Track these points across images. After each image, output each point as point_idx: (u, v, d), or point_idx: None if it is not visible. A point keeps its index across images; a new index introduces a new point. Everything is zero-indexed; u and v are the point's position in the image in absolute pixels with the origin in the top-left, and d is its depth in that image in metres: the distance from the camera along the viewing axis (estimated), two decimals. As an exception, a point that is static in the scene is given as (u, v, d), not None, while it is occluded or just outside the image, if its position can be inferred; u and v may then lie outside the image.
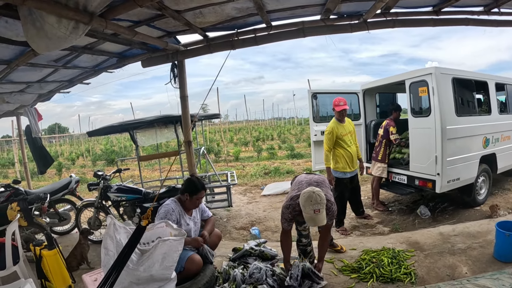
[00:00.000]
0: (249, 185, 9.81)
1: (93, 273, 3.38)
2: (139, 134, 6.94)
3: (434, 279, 3.45)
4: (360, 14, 4.09)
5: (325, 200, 2.98)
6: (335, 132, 5.06)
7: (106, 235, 2.59)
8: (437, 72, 4.95)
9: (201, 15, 3.61)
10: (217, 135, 29.80)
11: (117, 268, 2.29)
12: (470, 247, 4.06)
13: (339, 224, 5.32)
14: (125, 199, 5.20)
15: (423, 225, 5.34)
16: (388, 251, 4.02)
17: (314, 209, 2.91)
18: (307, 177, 3.55)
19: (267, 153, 16.94)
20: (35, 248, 3.70)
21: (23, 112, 6.87)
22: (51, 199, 5.30)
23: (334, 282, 3.54)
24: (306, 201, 2.95)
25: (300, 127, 37.86)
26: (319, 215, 2.93)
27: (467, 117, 5.42)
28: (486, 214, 5.37)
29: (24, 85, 5.31)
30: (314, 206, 2.91)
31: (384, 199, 6.88)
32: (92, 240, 5.06)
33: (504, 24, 4.53)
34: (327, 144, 5.12)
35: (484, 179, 5.87)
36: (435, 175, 5.02)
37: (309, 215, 2.95)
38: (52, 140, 42.86)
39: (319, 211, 2.91)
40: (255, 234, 5.35)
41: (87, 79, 5.63)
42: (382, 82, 6.53)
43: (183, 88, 4.74)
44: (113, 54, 4.61)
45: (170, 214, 3.37)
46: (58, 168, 15.46)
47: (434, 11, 4.16)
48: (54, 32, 2.46)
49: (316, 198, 2.92)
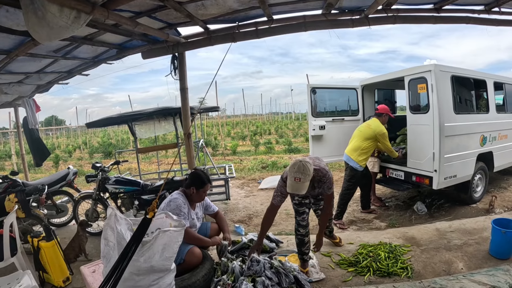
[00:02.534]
0: (246, 179, 9.84)
1: (91, 264, 3.37)
2: (138, 126, 6.93)
3: (430, 274, 3.49)
4: (362, 9, 4.08)
5: (310, 171, 3.06)
6: None
7: (106, 225, 2.59)
8: (436, 69, 4.96)
9: (203, 7, 3.60)
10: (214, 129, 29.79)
11: (122, 263, 2.29)
12: (466, 243, 4.10)
13: (338, 216, 5.37)
14: (123, 191, 5.20)
15: (420, 221, 5.38)
16: (385, 245, 4.05)
17: (295, 177, 3.02)
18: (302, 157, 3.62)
19: (264, 148, 16.97)
20: (33, 239, 3.71)
21: (21, 103, 6.83)
22: (49, 190, 5.30)
23: (332, 275, 3.58)
24: (291, 167, 3.08)
25: (298, 122, 37.89)
26: (299, 184, 3.02)
27: (465, 115, 5.44)
28: (482, 212, 5.42)
29: (23, 75, 5.29)
30: (296, 174, 3.01)
31: (381, 194, 6.91)
32: (90, 232, 5.07)
33: (505, 23, 4.55)
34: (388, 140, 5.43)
35: (480, 177, 5.91)
36: (432, 171, 5.04)
37: (290, 181, 3.07)
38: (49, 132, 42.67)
39: (299, 179, 3.01)
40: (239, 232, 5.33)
41: (86, 71, 5.60)
42: (381, 78, 6.54)
43: (183, 80, 4.73)
44: (113, 45, 4.59)
45: (183, 208, 3.42)
46: (55, 161, 15.40)
47: (435, 9, 4.17)
48: (56, 21, 2.44)
49: (300, 166, 3.03)
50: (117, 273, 2.26)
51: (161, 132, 7.59)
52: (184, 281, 3.05)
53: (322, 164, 3.40)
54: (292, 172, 3.03)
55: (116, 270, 2.26)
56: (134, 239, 2.35)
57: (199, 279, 3.14)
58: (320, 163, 3.41)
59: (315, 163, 3.32)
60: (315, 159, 3.49)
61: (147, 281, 2.46)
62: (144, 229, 2.42)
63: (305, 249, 3.67)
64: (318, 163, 3.41)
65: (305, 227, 3.67)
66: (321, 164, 3.39)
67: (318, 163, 3.40)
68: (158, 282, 2.52)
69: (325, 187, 3.40)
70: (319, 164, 3.39)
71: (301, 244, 3.69)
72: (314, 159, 3.48)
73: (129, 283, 2.42)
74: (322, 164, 3.41)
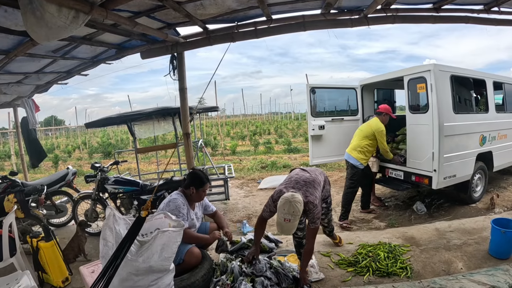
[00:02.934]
0: (246, 179, 9.84)
1: (90, 265, 3.37)
2: (137, 126, 6.92)
3: (429, 274, 3.48)
4: (361, 9, 4.08)
5: (299, 212, 2.94)
6: None
7: (105, 226, 2.59)
8: (435, 69, 4.96)
9: (202, 7, 3.60)
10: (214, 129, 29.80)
11: (116, 260, 2.29)
12: (466, 243, 4.10)
13: (343, 216, 5.38)
14: (122, 191, 5.20)
15: (419, 221, 5.38)
16: (384, 245, 4.05)
17: (285, 218, 2.91)
18: (298, 173, 3.49)
19: (264, 147, 16.96)
20: (32, 240, 3.71)
21: (20, 103, 6.83)
22: (48, 191, 5.30)
23: (331, 275, 3.57)
24: (281, 207, 2.96)
25: (297, 122, 37.90)
26: (288, 224, 2.92)
27: (464, 114, 5.43)
28: (481, 211, 5.42)
29: (22, 75, 5.28)
30: (286, 215, 2.91)
31: (380, 194, 6.91)
32: (89, 232, 5.06)
33: (504, 23, 4.55)
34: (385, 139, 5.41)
35: (480, 176, 5.91)
36: (432, 171, 5.04)
37: (279, 220, 2.96)
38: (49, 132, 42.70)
39: (289, 220, 2.91)
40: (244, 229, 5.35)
41: (85, 71, 5.59)
42: (380, 78, 6.54)
43: (182, 80, 4.73)
44: (112, 45, 4.59)
45: (182, 209, 3.39)
46: (54, 161, 15.40)
47: (435, 8, 4.17)
48: (54, 21, 2.44)
49: (289, 208, 2.91)
50: (110, 270, 2.26)
51: (160, 132, 7.58)
52: (183, 281, 3.04)
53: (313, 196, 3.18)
54: (282, 212, 2.93)
55: (109, 268, 2.26)
56: (127, 238, 2.35)
57: (198, 279, 3.14)
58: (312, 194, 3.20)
59: (307, 194, 3.16)
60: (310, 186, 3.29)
61: (146, 281, 2.46)
62: (138, 227, 2.41)
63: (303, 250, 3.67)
64: (312, 192, 3.22)
65: (302, 230, 3.65)
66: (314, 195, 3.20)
67: (312, 192, 3.21)
68: (157, 282, 2.52)
69: (309, 220, 3.22)
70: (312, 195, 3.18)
71: (300, 245, 3.69)
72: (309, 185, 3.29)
73: (128, 284, 2.42)
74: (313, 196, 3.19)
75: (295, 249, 3.76)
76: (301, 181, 3.30)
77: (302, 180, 3.33)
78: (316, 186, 3.37)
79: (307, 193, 3.17)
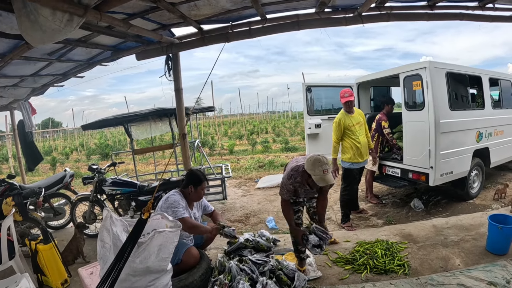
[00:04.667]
0: (243, 178, 9.84)
1: (89, 266, 3.37)
2: (134, 127, 6.92)
3: (427, 271, 3.50)
4: (355, 7, 4.10)
5: (329, 163, 3.19)
6: (342, 123, 5.04)
7: (102, 227, 2.59)
8: (431, 66, 4.97)
9: (195, 8, 3.60)
10: (211, 128, 29.77)
11: (119, 264, 2.29)
12: (463, 239, 4.12)
13: (344, 220, 5.28)
14: (120, 192, 5.20)
15: (417, 217, 5.38)
16: (381, 243, 4.07)
17: (324, 169, 3.09)
18: (301, 156, 3.69)
19: (261, 147, 16.99)
20: (30, 242, 3.72)
21: (17, 106, 6.83)
22: (46, 193, 5.29)
23: (329, 273, 3.59)
24: (314, 163, 3.12)
25: (295, 120, 37.94)
26: (328, 175, 3.11)
27: (460, 111, 5.45)
28: (479, 208, 5.45)
29: (18, 79, 5.28)
30: (323, 166, 3.09)
31: (377, 192, 6.92)
32: (87, 234, 5.06)
33: (499, 19, 4.57)
34: (335, 134, 5.11)
35: (477, 173, 5.93)
36: (429, 168, 5.05)
37: (319, 176, 3.10)
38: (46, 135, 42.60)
39: (327, 171, 3.10)
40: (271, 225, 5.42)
41: (81, 73, 5.60)
42: (376, 75, 6.54)
43: (178, 80, 4.74)
44: (107, 47, 4.59)
45: (180, 201, 3.44)
46: (52, 163, 15.37)
47: (429, 5, 4.19)
48: (49, 24, 2.45)
49: (323, 159, 3.13)
50: (114, 273, 2.27)
51: (157, 133, 7.58)
52: (181, 281, 3.05)
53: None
54: (319, 166, 3.08)
55: (112, 271, 2.27)
56: (130, 240, 2.36)
57: (196, 279, 3.15)
58: None
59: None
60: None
61: (143, 282, 2.47)
62: (140, 229, 2.43)
63: (301, 247, 3.68)
64: None
65: (300, 225, 3.69)
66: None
67: None
68: (154, 283, 2.53)
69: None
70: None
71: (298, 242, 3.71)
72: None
73: (126, 284, 2.43)
74: None
75: (293, 246, 3.78)
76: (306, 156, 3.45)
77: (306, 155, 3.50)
78: None
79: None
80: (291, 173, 3.36)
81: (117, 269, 2.28)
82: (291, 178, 3.34)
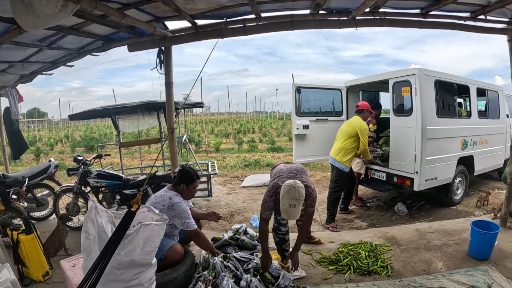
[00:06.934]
0: (229, 176, 9.85)
1: (71, 259, 3.32)
2: (122, 120, 6.85)
3: (410, 273, 3.56)
4: (349, 11, 4.12)
5: (303, 196, 3.05)
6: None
7: (87, 218, 2.55)
8: (420, 73, 5.05)
9: (191, 2, 3.57)
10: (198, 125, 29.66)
11: (106, 256, 2.26)
12: (446, 244, 4.20)
13: (330, 220, 5.28)
14: (105, 185, 5.14)
15: (400, 221, 5.46)
16: (365, 244, 4.12)
17: (290, 204, 2.99)
18: (286, 165, 3.62)
19: (247, 146, 17.00)
20: (12, 232, 3.62)
21: (4, 93, 6.68)
22: (29, 183, 5.19)
23: (313, 273, 3.61)
24: (285, 193, 3.02)
25: (282, 121, 38.06)
26: (294, 210, 3.01)
27: (447, 119, 5.55)
28: (462, 214, 5.55)
29: (6, 64, 5.17)
30: (291, 201, 2.98)
31: (362, 195, 6.99)
32: (70, 226, 5.00)
33: (489, 31, 4.64)
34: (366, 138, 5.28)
35: (461, 180, 6.05)
36: (414, 173, 5.13)
37: (284, 207, 3.03)
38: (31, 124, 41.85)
39: (294, 206, 2.99)
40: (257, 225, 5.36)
41: (71, 62, 5.50)
42: (366, 80, 6.60)
43: (169, 74, 4.70)
44: (99, 36, 4.52)
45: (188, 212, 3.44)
46: (36, 153, 15.11)
47: (422, 13, 4.24)
48: (43, 9, 2.40)
49: (295, 193, 2.99)
50: (100, 265, 2.24)
51: (145, 126, 7.51)
52: (165, 276, 3.03)
53: (308, 181, 3.36)
54: (287, 198, 2.99)
55: (99, 263, 2.24)
56: (117, 232, 2.33)
57: (180, 274, 3.13)
58: (307, 180, 3.38)
59: (303, 179, 3.29)
60: (302, 173, 3.47)
61: (128, 275, 2.44)
62: (128, 221, 2.40)
63: (285, 246, 3.72)
64: (306, 178, 3.40)
65: (285, 225, 3.71)
66: (308, 180, 3.38)
67: (306, 178, 3.39)
68: (139, 276, 2.50)
69: (307, 203, 3.34)
70: (307, 180, 3.37)
71: (282, 242, 3.74)
72: (301, 172, 3.47)
73: (110, 277, 2.40)
74: (308, 181, 3.37)
75: (277, 246, 3.81)
76: (292, 170, 3.43)
77: (293, 169, 3.47)
78: (306, 173, 3.54)
79: (302, 178, 3.31)
80: (272, 191, 3.29)
81: (104, 262, 2.25)
82: (272, 196, 3.29)
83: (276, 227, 3.75)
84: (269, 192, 3.33)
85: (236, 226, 4.30)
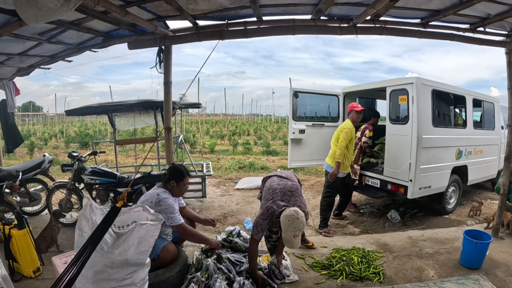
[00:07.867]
0: (223, 178, 9.84)
1: (63, 255, 3.30)
2: (118, 117, 6.83)
3: (402, 280, 3.57)
4: (350, 18, 4.14)
5: (305, 225, 3.08)
6: (351, 132, 5.18)
7: (81, 216, 2.54)
8: (418, 82, 5.09)
9: (194, 2, 3.58)
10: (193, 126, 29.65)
11: (89, 248, 2.24)
12: (438, 252, 4.22)
13: (323, 225, 5.29)
14: (99, 182, 5.11)
15: (393, 228, 5.49)
16: (358, 250, 4.13)
17: (294, 234, 2.99)
18: (279, 183, 3.54)
19: (242, 148, 16.99)
20: (4, 227, 3.59)
21: (1, 85, 6.62)
22: (23, 177, 5.15)
23: (305, 277, 3.61)
24: (289, 225, 2.99)
25: (277, 125, 38.18)
26: (297, 239, 3.04)
27: (443, 128, 5.59)
28: (454, 222, 5.59)
29: (4, 56, 5.13)
30: (295, 232, 2.98)
31: (356, 201, 7.02)
32: (63, 222, 4.95)
33: (488, 43, 4.68)
34: (345, 141, 5.11)
35: (454, 189, 6.09)
36: (408, 181, 5.16)
37: (288, 237, 3.02)
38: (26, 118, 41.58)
39: (298, 236, 3.02)
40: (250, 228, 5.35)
41: (69, 56, 5.46)
42: (363, 86, 6.64)
43: (168, 73, 4.68)
44: (99, 32, 4.50)
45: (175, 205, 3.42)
46: (30, 148, 14.98)
47: (422, 24, 4.27)
48: (45, 2, 2.38)
49: (298, 225, 2.98)
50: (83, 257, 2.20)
51: (141, 125, 7.49)
52: (158, 276, 3.03)
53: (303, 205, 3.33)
54: (291, 230, 2.97)
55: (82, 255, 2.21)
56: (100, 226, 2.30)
57: (173, 275, 3.13)
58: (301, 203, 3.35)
59: (297, 203, 3.29)
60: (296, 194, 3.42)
61: (121, 274, 2.44)
62: (112, 217, 2.37)
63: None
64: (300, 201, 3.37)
65: (277, 233, 3.71)
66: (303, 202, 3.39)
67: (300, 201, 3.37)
68: (132, 276, 2.49)
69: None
70: (301, 202, 3.36)
71: (274, 248, 3.76)
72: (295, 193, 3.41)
73: (103, 276, 2.40)
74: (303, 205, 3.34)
75: (269, 251, 3.86)
76: (287, 192, 3.38)
77: (287, 190, 3.41)
78: (300, 193, 3.52)
79: (298, 203, 3.29)
80: (266, 215, 3.23)
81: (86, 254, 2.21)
82: (267, 219, 3.24)
83: (268, 235, 3.79)
84: (263, 215, 3.27)
85: (229, 228, 4.29)
